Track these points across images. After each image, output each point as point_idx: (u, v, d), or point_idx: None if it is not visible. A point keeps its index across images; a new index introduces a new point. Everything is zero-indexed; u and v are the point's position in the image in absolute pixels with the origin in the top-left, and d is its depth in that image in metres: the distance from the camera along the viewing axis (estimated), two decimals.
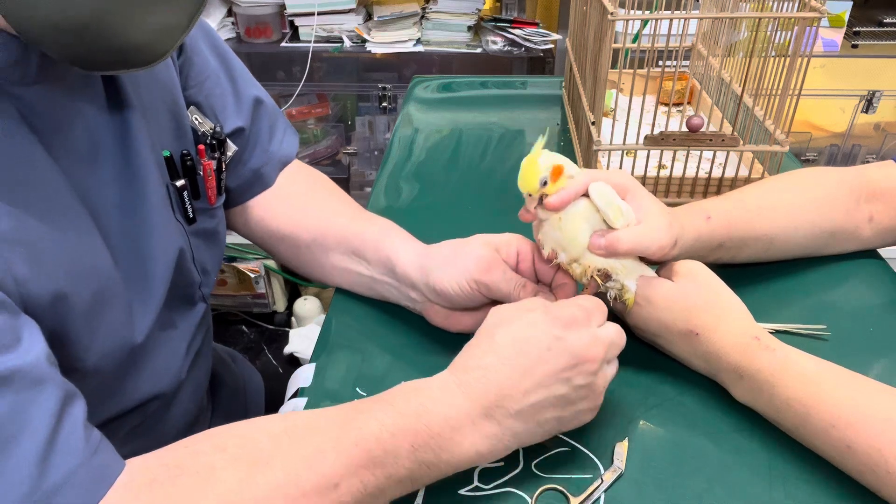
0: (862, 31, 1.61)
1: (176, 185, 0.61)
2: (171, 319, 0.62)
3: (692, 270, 0.58)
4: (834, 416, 0.51)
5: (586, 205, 0.56)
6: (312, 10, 1.66)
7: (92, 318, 0.50)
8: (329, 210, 0.73)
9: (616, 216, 0.56)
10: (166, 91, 0.62)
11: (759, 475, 0.53)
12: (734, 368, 0.56)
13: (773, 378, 0.53)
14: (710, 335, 0.56)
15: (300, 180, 0.76)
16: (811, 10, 0.70)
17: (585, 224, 0.56)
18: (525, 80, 1.28)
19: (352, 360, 0.65)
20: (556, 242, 0.58)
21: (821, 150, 1.74)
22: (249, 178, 0.72)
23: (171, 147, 0.62)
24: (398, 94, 1.73)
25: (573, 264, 0.58)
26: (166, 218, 0.59)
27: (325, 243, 0.71)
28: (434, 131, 1.06)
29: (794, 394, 0.52)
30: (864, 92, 1.62)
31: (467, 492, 0.52)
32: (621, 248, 0.56)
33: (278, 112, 0.76)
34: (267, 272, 1.92)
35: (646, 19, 0.74)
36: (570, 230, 0.56)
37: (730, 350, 0.55)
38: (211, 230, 0.67)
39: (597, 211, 0.56)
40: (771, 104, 0.77)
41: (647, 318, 0.58)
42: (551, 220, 0.57)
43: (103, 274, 0.51)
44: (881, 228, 0.72)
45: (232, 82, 0.69)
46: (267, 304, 2.00)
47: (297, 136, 0.77)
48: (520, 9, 1.78)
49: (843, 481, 0.52)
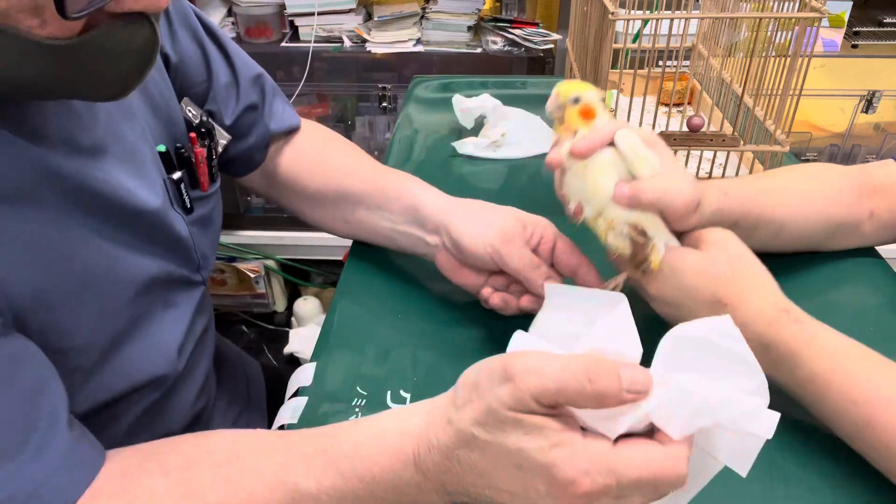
0: (862, 31, 1.61)
1: (173, 178, 0.62)
2: (170, 299, 0.63)
3: (722, 239, 0.57)
4: (855, 393, 0.50)
5: (612, 154, 0.54)
6: (312, 10, 1.66)
7: (76, 306, 0.51)
8: (352, 166, 0.77)
9: (642, 165, 0.54)
10: (153, 87, 0.63)
11: (760, 475, 0.53)
12: (759, 339, 0.54)
13: (797, 351, 0.53)
14: (738, 305, 0.55)
15: (319, 140, 0.80)
16: (811, 10, 0.70)
17: (611, 172, 0.54)
18: (525, 80, 1.28)
19: (352, 360, 0.65)
20: (580, 193, 0.55)
21: (821, 150, 1.74)
22: (262, 139, 0.76)
23: (165, 141, 0.63)
24: (398, 94, 1.73)
25: (598, 220, 0.56)
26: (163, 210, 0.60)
27: (351, 199, 0.74)
28: (434, 131, 1.06)
29: (817, 368, 0.52)
30: (864, 92, 1.62)
31: None
32: (646, 196, 0.53)
33: (276, 87, 0.79)
34: (267, 272, 1.92)
35: (646, 19, 0.74)
36: (595, 178, 0.54)
37: (757, 321, 0.54)
38: (206, 216, 0.68)
39: (622, 161, 0.54)
40: (771, 104, 0.77)
41: (672, 288, 0.57)
42: (575, 168, 0.55)
43: (86, 265, 0.52)
44: (881, 224, 0.72)
45: (229, 65, 0.72)
46: (267, 304, 2.00)
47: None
48: (520, 9, 1.78)
49: (844, 481, 0.52)
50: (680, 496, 0.43)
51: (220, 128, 0.71)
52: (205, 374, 0.73)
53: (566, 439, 0.37)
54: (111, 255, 0.54)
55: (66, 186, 0.50)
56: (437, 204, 0.68)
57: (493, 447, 0.39)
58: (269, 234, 1.85)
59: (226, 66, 0.72)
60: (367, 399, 0.61)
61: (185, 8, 0.69)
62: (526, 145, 1.00)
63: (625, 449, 0.37)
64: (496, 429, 0.38)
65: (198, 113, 0.68)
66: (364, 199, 0.73)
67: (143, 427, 0.61)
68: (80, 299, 0.51)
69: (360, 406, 0.60)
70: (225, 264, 1.89)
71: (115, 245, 0.54)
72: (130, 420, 0.60)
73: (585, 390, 0.36)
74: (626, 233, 0.55)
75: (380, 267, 0.77)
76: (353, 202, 0.74)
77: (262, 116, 0.75)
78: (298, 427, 0.58)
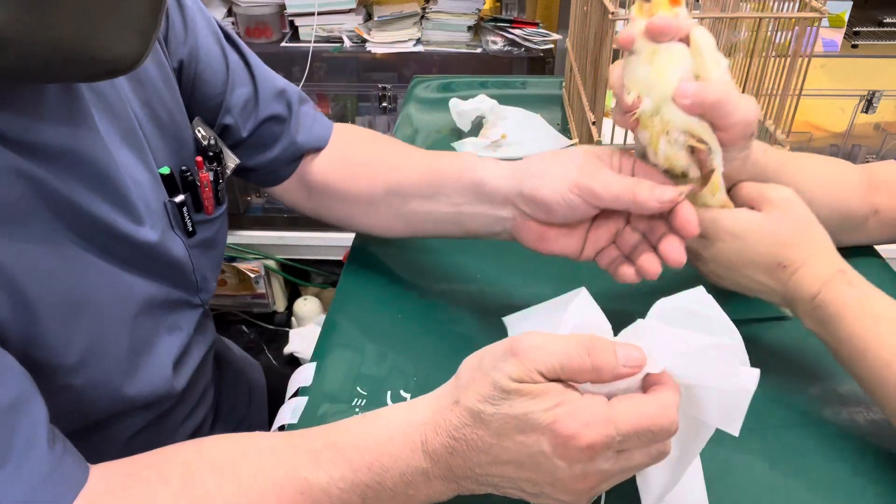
0: (862, 31, 1.61)
1: (175, 200, 0.61)
2: (167, 321, 0.62)
3: (788, 199, 0.56)
4: (892, 355, 0.51)
5: (684, 49, 0.51)
6: (312, 10, 1.66)
7: (67, 321, 0.49)
8: (397, 159, 0.71)
9: (713, 63, 0.50)
10: (161, 107, 0.61)
11: (760, 475, 0.53)
12: (811, 298, 0.55)
13: (842, 310, 0.54)
14: (799, 268, 0.55)
15: (355, 140, 0.76)
16: (812, 10, 0.70)
17: (679, 66, 0.50)
18: (525, 80, 1.28)
19: (352, 360, 0.65)
20: (643, 82, 0.51)
21: (821, 150, 1.74)
22: (290, 153, 0.73)
23: (170, 163, 0.61)
24: (398, 94, 1.73)
25: (654, 118, 0.51)
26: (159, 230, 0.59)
27: (403, 191, 0.68)
28: (434, 131, 1.06)
29: (857, 329, 0.53)
30: (864, 92, 1.62)
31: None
32: (710, 96, 0.50)
33: (302, 93, 0.76)
34: (267, 272, 1.92)
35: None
36: (661, 66, 0.50)
37: (813, 282, 0.55)
38: (210, 238, 0.67)
39: (693, 61, 0.51)
40: (771, 104, 0.77)
41: (734, 253, 0.56)
42: (644, 53, 0.51)
43: (73, 278, 0.50)
44: (884, 222, 0.72)
45: (252, 77, 0.69)
46: (267, 304, 2.00)
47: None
48: (520, 9, 1.78)
49: (844, 481, 0.52)
50: (677, 466, 0.45)
51: (228, 150, 0.69)
52: (204, 393, 0.72)
53: (567, 398, 0.39)
54: (105, 273, 0.53)
55: (58, 206, 0.49)
56: (503, 172, 0.61)
57: (498, 419, 0.40)
58: (269, 233, 1.85)
59: (248, 76, 0.69)
60: (366, 399, 0.61)
61: (209, 16, 0.67)
62: (526, 144, 1.00)
63: (620, 403, 0.39)
64: (502, 400, 0.40)
65: (208, 135, 0.66)
66: (417, 188, 0.67)
67: (138, 447, 0.61)
68: (72, 315, 0.50)
69: (359, 406, 0.60)
70: (225, 264, 1.89)
71: (110, 264, 0.53)
72: (124, 440, 0.60)
73: (585, 365, 0.39)
74: (683, 141, 0.52)
75: (380, 267, 0.77)
76: (404, 194, 0.68)
77: (287, 129, 0.72)
78: (299, 427, 0.58)
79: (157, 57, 0.62)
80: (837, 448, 0.54)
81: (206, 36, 0.65)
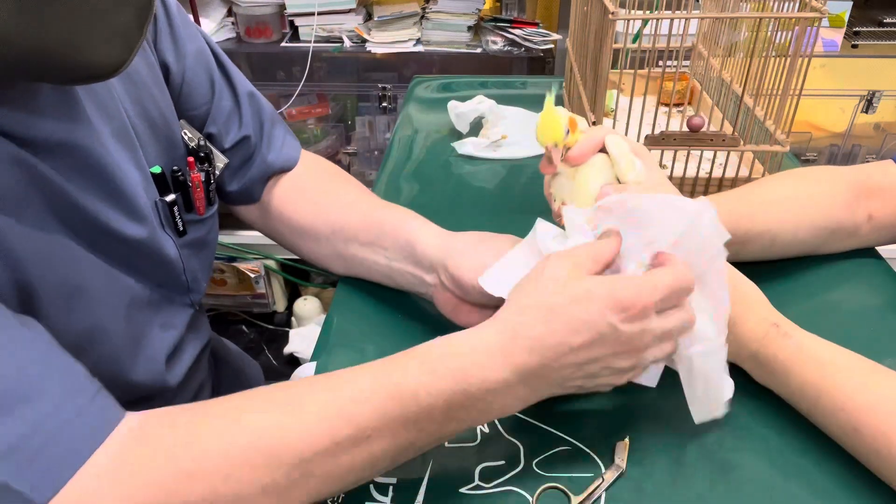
0: (862, 31, 1.61)
1: (166, 200, 0.61)
2: (158, 318, 0.62)
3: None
4: (843, 400, 0.52)
5: (602, 159, 0.56)
6: (312, 10, 1.66)
7: (65, 306, 0.50)
8: (348, 200, 0.73)
9: (629, 167, 0.56)
10: (153, 107, 0.61)
11: (760, 475, 0.53)
12: (753, 356, 0.57)
13: (787, 363, 0.55)
14: (731, 328, 0.56)
15: (316, 173, 0.77)
16: (812, 10, 0.70)
17: (599, 175, 0.56)
18: (525, 80, 1.28)
19: (352, 360, 0.65)
20: (568, 193, 0.57)
21: (821, 150, 1.74)
22: (261, 172, 0.73)
23: (162, 162, 0.61)
24: (398, 94, 1.73)
25: None
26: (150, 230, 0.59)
27: (345, 234, 0.70)
28: (434, 131, 1.06)
29: (807, 378, 0.54)
30: (864, 92, 1.62)
31: (468, 490, 0.52)
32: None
33: (276, 114, 0.76)
34: (267, 272, 1.92)
35: (646, 19, 0.74)
36: (583, 180, 0.56)
37: (751, 338, 0.57)
38: (201, 239, 0.67)
39: (611, 167, 0.56)
40: (771, 104, 0.77)
41: None
42: (567, 171, 0.57)
43: (67, 266, 0.51)
44: (880, 226, 0.72)
45: (231, 90, 0.70)
46: (267, 303, 2.00)
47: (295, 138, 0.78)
48: (520, 9, 1.78)
49: (844, 481, 0.52)
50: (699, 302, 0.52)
51: (217, 151, 0.69)
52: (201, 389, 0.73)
53: (616, 277, 0.50)
54: (96, 266, 0.54)
55: (52, 197, 0.49)
56: (434, 241, 0.64)
57: (567, 305, 0.47)
58: None
59: (228, 90, 0.70)
60: None
61: (193, 26, 0.67)
62: (526, 145, 1.00)
63: (653, 274, 0.49)
64: (566, 288, 0.47)
65: (195, 136, 0.67)
66: (358, 233, 0.69)
67: None
68: (70, 299, 0.51)
69: None
70: (225, 264, 1.89)
71: (100, 259, 0.54)
72: None
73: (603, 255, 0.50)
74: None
75: None
76: (346, 237, 0.70)
77: (259, 148, 0.73)
78: None
79: (147, 58, 0.62)
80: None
81: (191, 53, 0.66)
